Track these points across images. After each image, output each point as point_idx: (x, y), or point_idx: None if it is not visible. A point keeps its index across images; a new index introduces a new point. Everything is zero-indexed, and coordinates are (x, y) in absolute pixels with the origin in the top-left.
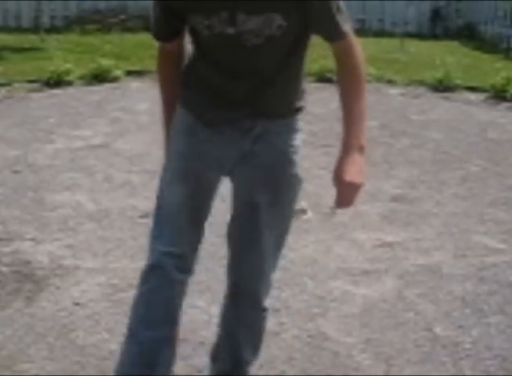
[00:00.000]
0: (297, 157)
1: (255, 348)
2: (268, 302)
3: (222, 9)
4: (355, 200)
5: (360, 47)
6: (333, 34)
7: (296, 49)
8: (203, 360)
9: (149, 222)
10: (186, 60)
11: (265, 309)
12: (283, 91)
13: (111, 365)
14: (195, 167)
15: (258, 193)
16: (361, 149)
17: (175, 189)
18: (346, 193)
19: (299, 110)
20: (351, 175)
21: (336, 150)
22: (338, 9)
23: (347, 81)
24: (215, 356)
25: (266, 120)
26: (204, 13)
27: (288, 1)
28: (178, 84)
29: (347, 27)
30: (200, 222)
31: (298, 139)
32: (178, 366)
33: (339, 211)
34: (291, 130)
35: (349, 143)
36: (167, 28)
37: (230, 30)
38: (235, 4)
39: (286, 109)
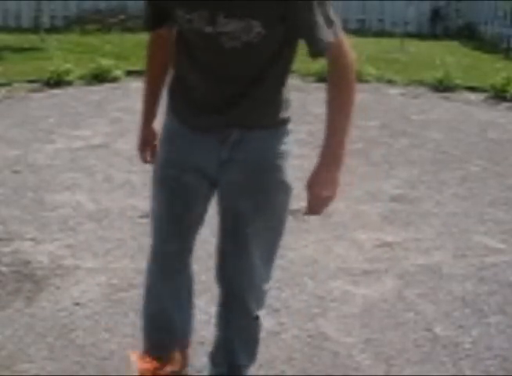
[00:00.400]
0: (284, 163)
1: (250, 353)
2: (262, 312)
3: (203, 8)
4: (325, 209)
5: (352, 58)
6: (318, 47)
7: (277, 59)
8: (203, 360)
9: (149, 221)
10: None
11: (257, 318)
12: (261, 101)
13: (111, 365)
14: (172, 173)
15: (241, 201)
16: (338, 160)
17: (157, 197)
18: (316, 203)
19: (283, 121)
20: (323, 186)
21: None
22: (326, 19)
23: (333, 91)
24: (213, 359)
25: (242, 129)
26: (186, 8)
27: (270, 11)
28: (165, 68)
29: (333, 37)
30: (184, 229)
31: (287, 145)
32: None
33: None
34: (276, 136)
35: (326, 154)
36: (154, 19)
37: (208, 29)
38: (216, 5)
39: (266, 120)
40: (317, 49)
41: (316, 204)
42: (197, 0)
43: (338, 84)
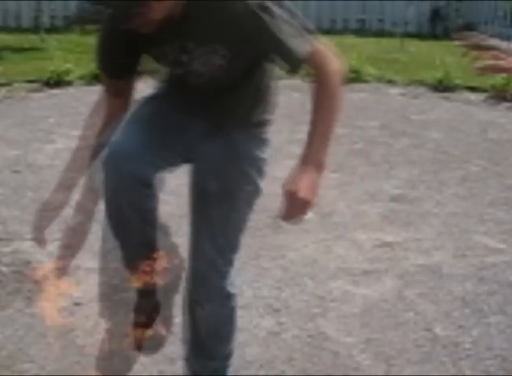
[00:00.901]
0: (259, 168)
1: (221, 339)
2: (231, 291)
3: (175, 39)
4: (301, 218)
5: (334, 67)
6: (292, 60)
7: (251, 74)
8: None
9: None
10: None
11: (226, 297)
12: (244, 106)
13: (111, 365)
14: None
15: (210, 183)
16: (319, 166)
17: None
18: (294, 208)
19: (263, 123)
20: (304, 191)
21: (335, 150)
22: (298, 30)
23: (318, 96)
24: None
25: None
26: (159, 43)
27: (233, 35)
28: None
29: (307, 45)
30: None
31: (264, 152)
32: (178, 366)
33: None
34: (256, 139)
35: (307, 159)
36: (119, 62)
37: (184, 58)
38: (185, 34)
39: (246, 124)
40: (291, 62)
41: (293, 209)
42: (168, 31)
43: (322, 94)
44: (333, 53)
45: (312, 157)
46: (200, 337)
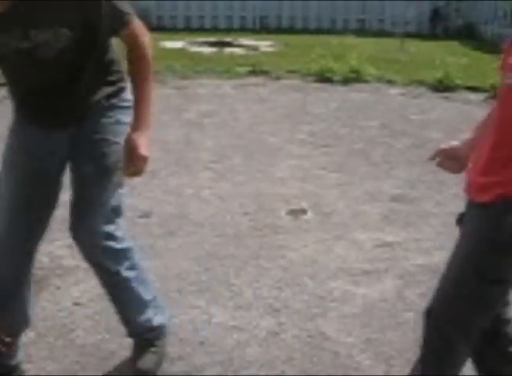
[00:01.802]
0: (117, 132)
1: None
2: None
3: (15, 27)
4: (143, 170)
5: (146, 37)
6: (117, 24)
7: (90, 56)
8: (203, 360)
9: (149, 221)
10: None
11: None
12: (86, 92)
13: (111, 365)
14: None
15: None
16: (148, 128)
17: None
18: (140, 164)
19: (118, 91)
20: (143, 148)
21: (335, 150)
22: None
23: (135, 69)
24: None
25: (79, 120)
26: None
27: (73, 16)
28: None
29: (130, 16)
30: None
31: (128, 116)
32: (178, 366)
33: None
34: (117, 108)
35: (141, 123)
36: None
37: (24, 44)
38: (25, 20)
39: (96, 105)
40: (119, 23)
41: (142, 165)
42: (8, 21)
43: (138, 62)
44: (144, 30)
45: (144, 121)
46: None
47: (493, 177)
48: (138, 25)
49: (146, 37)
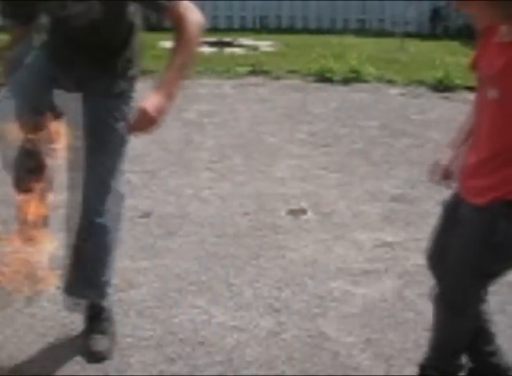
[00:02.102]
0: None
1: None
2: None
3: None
4: (146, 131)
5: (196, 13)
6: (158, 8)
7: (117, 31)
8: (203, 360)
9: (149, 221)
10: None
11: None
12: (118, 57)
13: (111, 365)
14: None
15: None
16: (170, 95)
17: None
18: (142, 123)
19: (133, 78)
20: (153, 110)
21: (335, 150)
22: None
23: (178, 41)
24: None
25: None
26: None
27: None
28: None
29: (167, 3)
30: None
31: (131, 107)
32: (178, 366)
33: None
34: (124, 97)
35: (162, 86)
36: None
37: (63, 13)
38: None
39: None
40: (157, 8)
41: (140, 124)
42: None
43: (182, 39)
44: (194, 8)
45: (166, 86)
46: (85, 261)
47: (483, 180)
48: (182, 7)
49: (191, 18)
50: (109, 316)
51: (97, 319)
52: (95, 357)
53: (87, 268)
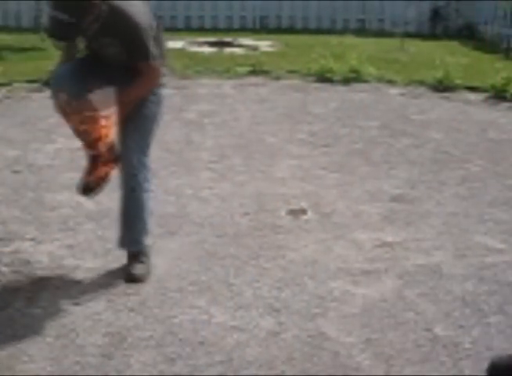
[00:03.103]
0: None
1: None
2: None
3: (92, 34)
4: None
5: (160, 76)
6: (142, 58)
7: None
8: (203, 360)
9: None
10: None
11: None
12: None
13: (111, 365)
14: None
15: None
16: (121, 101)
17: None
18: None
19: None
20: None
21: (335, 150)
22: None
23: (139, 80)
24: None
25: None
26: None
27: (120, 31)
28: None
29: (151, 56)
30: None
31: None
32: (178, 366)
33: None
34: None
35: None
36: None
37: (95, 44)
38: (98, 31)
39: None
40: (142, 57)
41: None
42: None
43: (142, 81)
44: (161, 72)
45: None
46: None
47: None
48: (154, 68)
49: (155, 80)
50: (147, 253)
51: (138, 255)
52: (135, 278)
53: (129, 223)
